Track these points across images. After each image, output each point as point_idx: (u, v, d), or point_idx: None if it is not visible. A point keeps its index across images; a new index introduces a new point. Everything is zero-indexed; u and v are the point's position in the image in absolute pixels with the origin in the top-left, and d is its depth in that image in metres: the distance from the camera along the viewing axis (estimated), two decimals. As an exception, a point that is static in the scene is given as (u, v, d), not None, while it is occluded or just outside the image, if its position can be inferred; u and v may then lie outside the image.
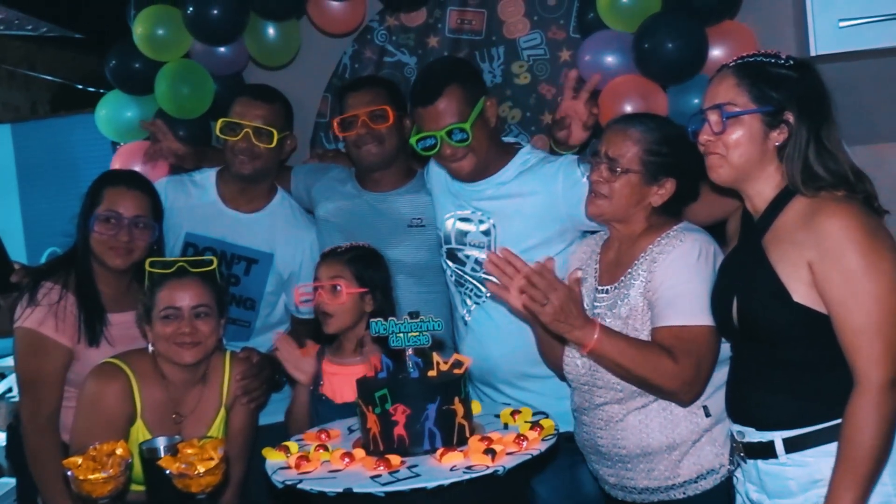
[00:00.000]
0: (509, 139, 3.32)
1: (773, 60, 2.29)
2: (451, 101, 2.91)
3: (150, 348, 2.98)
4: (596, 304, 2.70)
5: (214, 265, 3.09)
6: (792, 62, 2.29)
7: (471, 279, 3.10)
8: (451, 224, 3.15)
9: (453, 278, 3.16)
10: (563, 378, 2.83)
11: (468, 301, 3.12)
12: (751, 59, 2.32)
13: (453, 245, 3.13)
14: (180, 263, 3.06)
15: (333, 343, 3.07)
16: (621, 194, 2.62)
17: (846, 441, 2.13)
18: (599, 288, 2.72)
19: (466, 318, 3.14)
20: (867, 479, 2.12)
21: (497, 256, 2.52)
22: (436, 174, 3.26)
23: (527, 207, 2.99)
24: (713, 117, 2.31)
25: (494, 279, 2.55)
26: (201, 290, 2.97)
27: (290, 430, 3.05)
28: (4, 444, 4.63)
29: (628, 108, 3.38)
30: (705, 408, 2.59)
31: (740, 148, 2.29)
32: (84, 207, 3.19)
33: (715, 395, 2.57)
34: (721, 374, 2.54)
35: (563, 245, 2.97)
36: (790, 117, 2.24)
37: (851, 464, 2.12)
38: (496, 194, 3.05)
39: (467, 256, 3.09)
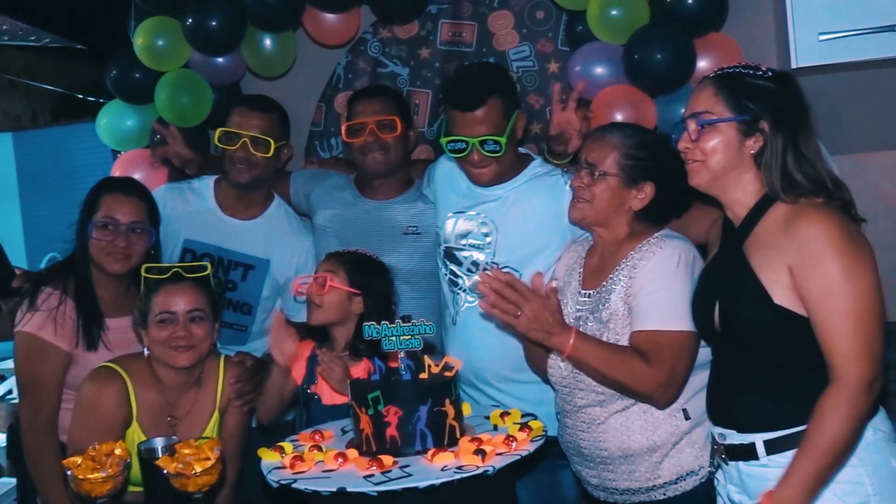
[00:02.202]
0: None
1: (751, 72, 2.31)
2: (492, 112, 2.91)
3: (146, 352, 2.98)
4: (579, 307, 2.71)
5: (209, 271, 3.09)
6: (771, 74, 2.31)
7: (464, 279, 3.10)
8: (451, 223, 3.15)
9: (448, 277, 3.16)
10: (548, 382, 2.84)
11: (458, 301, 3.12)
12: (730, 71, 2.34)
13: (452, 244, 3.12)
14: (175, 269, 3.06)
15: (325, 344, 3.07)
16: (601, 198, 2.65)
17: (813, 430, 2.14)
18: (583, 292, 2.73)
19: (456, 319, 3.14)
20: (825, 472, 2.14)
21: (489, 276, 2.52)
22: (442, 172, 3.26)
23: (530, 216, 3.01)
24: (691, 125, 2.34)
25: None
26: (196, 294, 2.97)
27: (259, 413, 3.06)
28: (5, 444, 4.63)
29: (618, 118, 3.40)
30: (685, 410, 2.60)
31: (717, 154, 2.31)
32: (82, 214, 3.18)
33: (694, 398, 2.58)
34: (700, 378, 2.55)
35: (561, 253, 2.97)
36: (765, 126, 2.26)
37: (813, 453, 2.13)
38: (504, 200, 3.05)
39: (465, 257, 3.09)
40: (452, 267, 3.13)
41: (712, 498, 2.51)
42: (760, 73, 2.30)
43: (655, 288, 2.54)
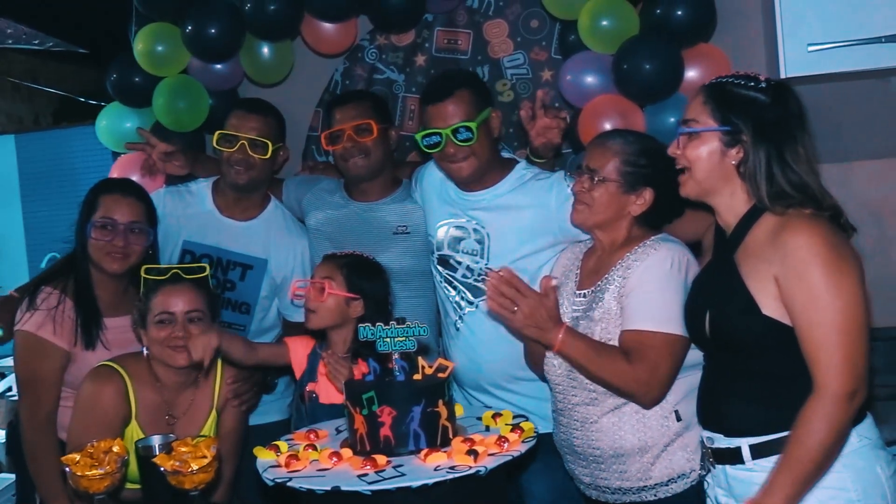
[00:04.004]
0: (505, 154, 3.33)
1: (742, 82, 2.29)
2: (461, 102, 2.95)
3: (145, 352, 2.97)
4: (574, 307, 2.71)
5: (207, 272, 3.08)
6: (764, 85, 2.28)
7: (461, 285, 3.09)
8: (444, 231, 3.15)
9: (443, 284, 3.16)
10: (546, 381, 2.83)
11: (459, 307, 3.12)
12: (723, 80, 2.33)
13: (445, 252, 3.12)
14: (174, 270, 3.06)
15: (323, 344, 3.06)
16: (601, 202, 2.65)
17: (794, 441, 2.13)
18: (578, 292, 2.74)
19: (458, 324, 3.13)
20: (805, 481, 2.13)
21: (497, 275, 2.50)
22: (431, 182, 3.26)
23: (520, 220, 3.01)
24: (680, 133, 2.35)
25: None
26: (194, 295, 2.96)
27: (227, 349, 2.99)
28: (4, 441, 4.61)
29: (607, 126, 3.39)
30: (676, 412, 2.59)
31: (700, 163, 2.31)
32: (81, 215, 3.18)
33: (685, 399, 2.58)
34: (692, 379, 2.54)
35: (553, 255, 2.97)
36: (746, 138, 2.25)
37: (794, 463, 2.12)
38: (491, 205, 3.06)
39: (458, 263, 3.09)
40: (448, 273, 3.12)
41: (702, 500, 2.50)
42: (753, 83, 2.28)
43: (647, 289, 2.54)
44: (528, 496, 3.08)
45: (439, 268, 3.16)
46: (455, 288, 3.11)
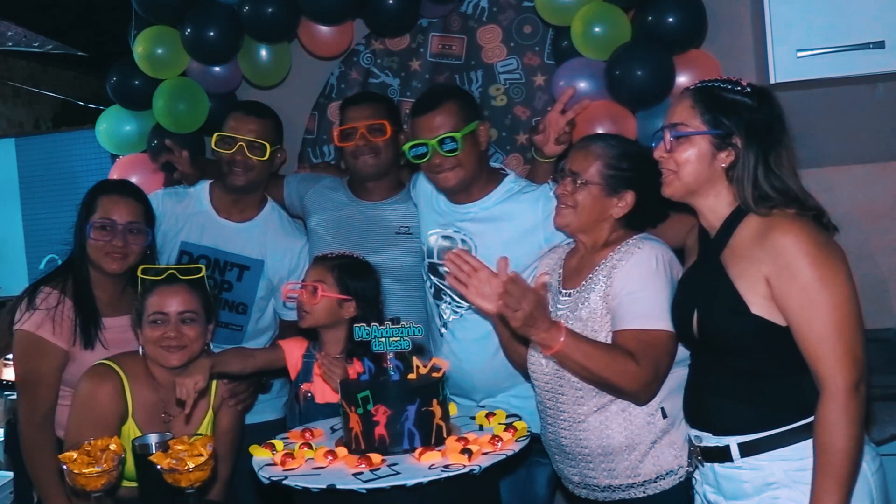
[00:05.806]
0: (493, 164, 3.32)
1: (729, 87, 2.29)
2: (447, 114, 2.95)
3: (141, 351, 2.95)
4: (559, 306, 2.70)
5: (203, 273, 3.06)
6: (749, 89, 2.29)
7: (449, 293, 3.08)
8: (433, 240, 3.15)
9: (432, 291, 3.15)
10: (527, 377, 2.83)
11: (445, 314, 3.11)
12: (710, 84, 2.33)
13: (435, 260, 3.12)
14: (170, 271, 3.04)
15: (316, 344, 3.06)
16: (584, 205, 2.65)
17: (821, 447, 2.11)
18: (563, 291, 2.73)
19: (442, 331, 3.13)
20: (846, 480, 2.11)
21: (455, 254, 2.59)
22: (423, 190, 3.26)
23: (507, 232, 3.00)
24: (667, 136, 2.33)
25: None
26: (189, 296, 2.95)
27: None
28: (2, 439, 4.59)
29: (599, 131, 3.39)
30: (662, 409, 2.59)
31: (689, 166, 2.30)
32: (80, 216, 3.17)
33: (670, 396, 2.57)
34: (677, 376, 2.55)
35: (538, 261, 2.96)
36: (738, 141, 2.25)
37: (830, 468, 2.10)
38: (479, 217, 3.06)
39: (447, 271, 3.08)
40: (436, 280, 3.11)
41: (691, 497, 2.50)
42: (739, 87, 2.29)
43: (637, 288, 2.53)
44: None
45: (429, 275, 3.16)
46: (443, 295, 3.10)
